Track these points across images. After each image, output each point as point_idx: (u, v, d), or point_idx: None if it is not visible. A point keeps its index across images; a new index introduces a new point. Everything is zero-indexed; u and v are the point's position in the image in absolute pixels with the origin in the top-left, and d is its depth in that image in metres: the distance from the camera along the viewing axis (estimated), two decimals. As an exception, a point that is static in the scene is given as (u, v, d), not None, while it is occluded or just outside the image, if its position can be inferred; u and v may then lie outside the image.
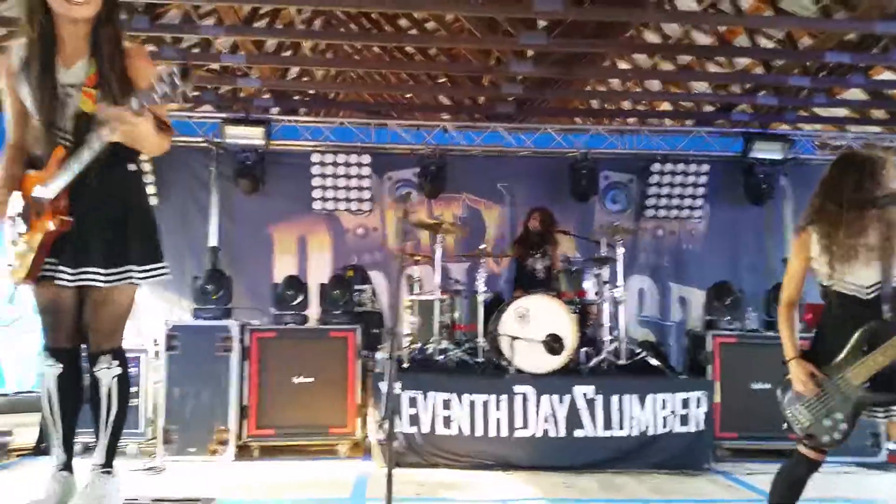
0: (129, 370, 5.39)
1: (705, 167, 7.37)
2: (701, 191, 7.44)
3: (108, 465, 2.65)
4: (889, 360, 2.83)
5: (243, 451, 5.76)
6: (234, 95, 8.22)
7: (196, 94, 8.44)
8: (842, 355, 2.92)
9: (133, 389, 5.57)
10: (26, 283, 2.55)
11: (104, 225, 2.54)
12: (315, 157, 7.27)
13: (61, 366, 2.61)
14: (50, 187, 2.46)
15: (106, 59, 2.51)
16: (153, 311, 6.93)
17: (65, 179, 2.44)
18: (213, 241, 7.18)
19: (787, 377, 3.06)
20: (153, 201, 7.02)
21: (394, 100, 10.06)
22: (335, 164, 7.25)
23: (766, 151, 7.33)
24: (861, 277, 2.95)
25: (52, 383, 2.60)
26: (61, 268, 2.51)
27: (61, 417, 2.62)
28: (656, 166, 7.40)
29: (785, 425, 3.08)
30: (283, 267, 7.32)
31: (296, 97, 8.93)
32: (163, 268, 2.70)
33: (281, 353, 5.82)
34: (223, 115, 7.34)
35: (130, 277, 2.59)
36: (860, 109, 7.89)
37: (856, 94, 7.59)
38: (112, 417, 2.65)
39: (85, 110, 2.49)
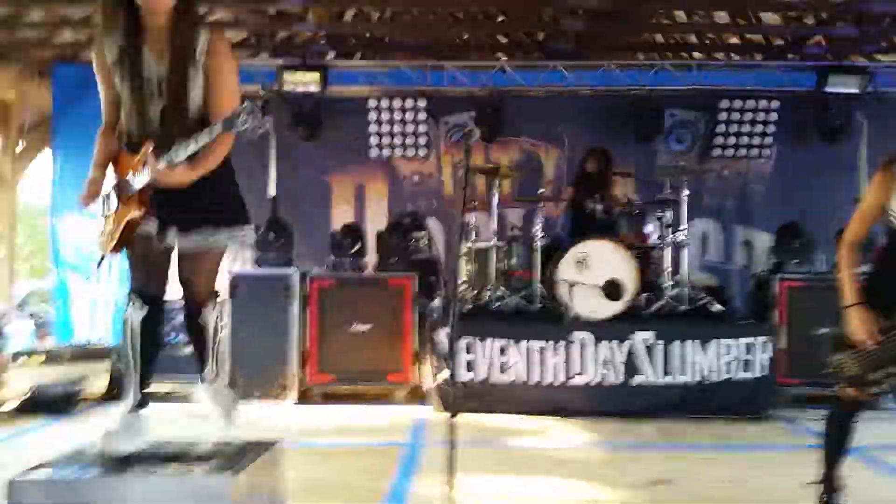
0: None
1: (776, 104, 7.01)
2: (771, 128, 7.09)
3: (219, 374, 2.93)
4: None
5: (304, 396, 5.95)
6: (290, 41, 8.20)
7: (253, 41, 8.48)
8: None
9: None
10: (113, 253, 2.71)
11: (202, 193, 2.60)
12: (371, 103, 7.23)
13: (147, 308, 2.67)
14: (137, 179, 2.53)
15: (177, 53, 2.53)
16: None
17: (150, 177, 2.49)
18: (272, 190, 7.28)
19: (837, 324, 2.93)
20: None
21: (450, 41, 9.84)
22: (391, 108, 7.20)
23: (841, 85, 6.87)
24: None
25: (136, 325, 2.67)
26: (165, 228, 2.61)
27: (141, 360, 2.70)
28: (724, 103, 7.07)
29: (829, 370, 2.98)
30: (341, 215, 7.39)
31: (352, 41, 8.84)
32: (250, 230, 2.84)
33: (340, 300, 5.95)
34: (280, 61, 7.32)
35: (232, 238, 2.74)
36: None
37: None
38: (217, 346, 2.88)
39: (170, 103, 2.55)
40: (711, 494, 3.71)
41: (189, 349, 2.98)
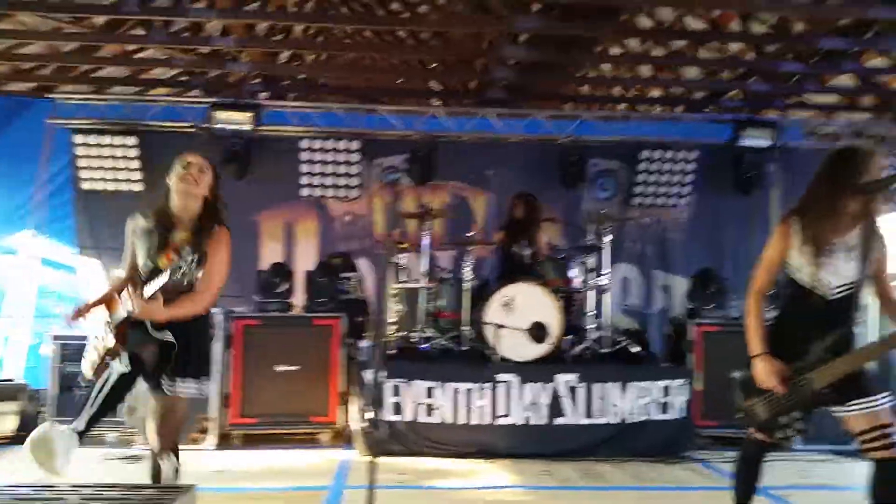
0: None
1: (694, 154, 7.35)
2: (689, 178, 7.41)
3: None
4: (854, 367, 2.86)
5: (225, 440, 5.80)
6: (222, 80, 8.19)
7: (185, 78, 8.45)
8: (808, 358, 2.93)
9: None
10: (94, 377, 3.18)
11: (181, 347, 3.19)
12: (304, 143, 7.26)
13: (130, 370, 3.09)
14: (118, 314, 3.16)
15: (197, 234, 3.27)
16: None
17: (129, 309, 3.11)
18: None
19: (747, 369, 3.07)
20: (139, 187, 7.07)
21: (384, 85, 9.99)
22: (324, 150, 7.24)
23: (754, 139, 7.28)
24: (833, 276, 2.96)
25: (115, 375, 3.08)
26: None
27: (101, 402, 3.04)
28: (645, 153, 7.37)
29: (740, 415, 3.11)
30: (269, 254, 7.33)
31: (285, 82, 8.89)
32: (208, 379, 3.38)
33: (265, 340, 5.85)
34: (212, 99, 7.30)
35: (189, 388, 3.25)
36: (850, 96, 7.84)
37: (846, 80, 7.54)
38: None
39: (160, 266, 3.13)
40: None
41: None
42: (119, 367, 3.09)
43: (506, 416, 5.57)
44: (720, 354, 5.92)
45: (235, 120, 7.12)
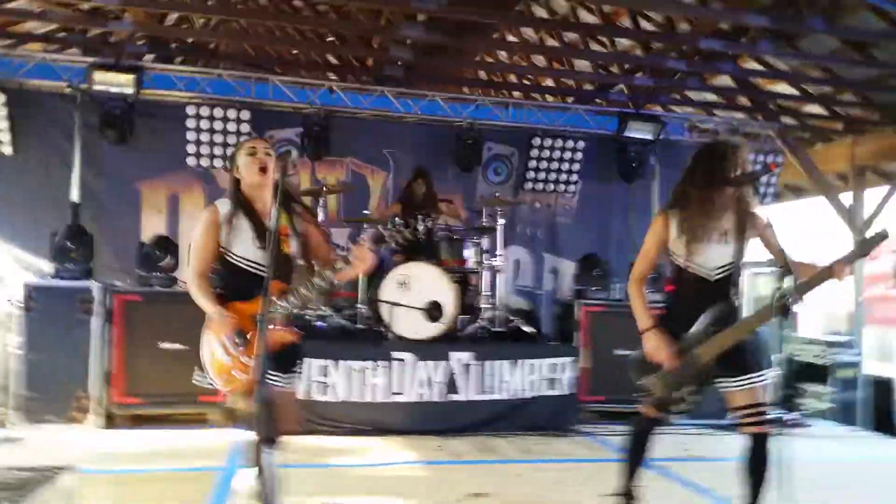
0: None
1: (581, 144, 7.61)
2: (576, 166, 7.68)
3: None
4: (735, 340, 3.07)
5: (111, 420, 5.47)
6: (103, 39, 7.68)
7: (62, 34, 7.84)
8: (692, 333, 3.12)
9: (-16, 353, 5.26)
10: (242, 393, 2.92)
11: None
12: (190, 110, 6.87)
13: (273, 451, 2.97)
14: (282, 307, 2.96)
15: (293, 212, 3.13)
16: (9, 270, 6.44)
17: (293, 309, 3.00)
18: (74, 195, 6.70)
19: (640, 348, 3.23)
20: (8, 150, 6.52)
21: (278, 55, 9.69)
22: (212, 118, 6.88)
23: (638, 131, 7.65)
24: (711, 260, 3.15)
25: (273, 467, 2.94)
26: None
27: None
28: (536, 140, 7.56)
29: (641, 392, 3.28)
30: (151, 226, 6.91)
31: (172, 45, 8.44)
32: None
33: (148, 317, 5.53)
34: (91, 59, 6.81)
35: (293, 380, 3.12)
36: (728, 95, 8.38)
37: (725, 80, 8.06)
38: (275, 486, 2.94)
39: (285, 251, 3.04)
40: (522, 505, 3.92)
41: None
42: (269, 457, 2.81)
43: (401, 393, 5.60)
44: (604, 333, 6.23)
45: (116, 82, 6.65)
